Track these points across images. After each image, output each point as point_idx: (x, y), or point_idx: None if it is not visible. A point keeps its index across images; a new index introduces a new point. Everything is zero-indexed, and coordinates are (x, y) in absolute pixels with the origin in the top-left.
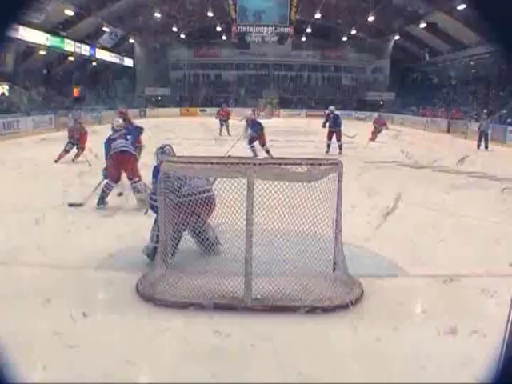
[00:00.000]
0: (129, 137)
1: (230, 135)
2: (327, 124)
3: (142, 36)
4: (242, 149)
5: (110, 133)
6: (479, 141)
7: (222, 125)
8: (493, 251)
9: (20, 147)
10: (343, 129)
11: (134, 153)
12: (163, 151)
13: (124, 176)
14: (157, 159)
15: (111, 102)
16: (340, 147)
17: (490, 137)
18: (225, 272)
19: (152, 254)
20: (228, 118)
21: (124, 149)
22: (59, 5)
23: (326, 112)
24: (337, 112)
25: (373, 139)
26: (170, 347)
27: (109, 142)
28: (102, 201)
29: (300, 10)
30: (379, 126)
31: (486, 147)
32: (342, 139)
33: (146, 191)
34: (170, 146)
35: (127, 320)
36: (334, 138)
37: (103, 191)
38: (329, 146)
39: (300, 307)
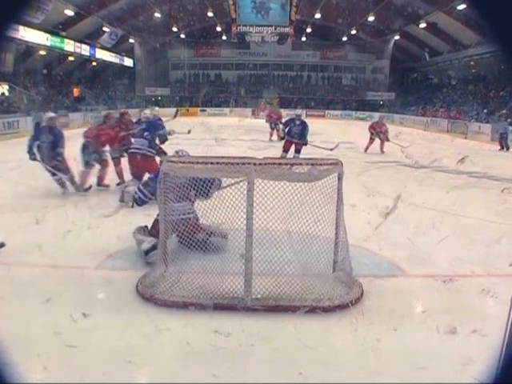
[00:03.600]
0: (146, 133)
1: (279, 140)
2: (287, 132)
3: (141, 36)
4: (242, 149)
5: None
6: (500, 142)
7: (272, 128)
8: (493, 251)
9: (20, 147)
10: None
11: (147, 153)
12: (179, 155)
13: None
14: None
15: (111, 102)
16: None
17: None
18: (225, 272)
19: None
20: (280, 122)
21: (135, 151)
22: (59, 5)
23: (290, 117)
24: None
25: (367, 147)
26: (170, 347)
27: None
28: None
29: (300, 10)
30: (376, 133)
31: (508, 148)
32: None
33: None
34: (184, 150)
35: (127, 320)
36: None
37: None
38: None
39: (300, 307)
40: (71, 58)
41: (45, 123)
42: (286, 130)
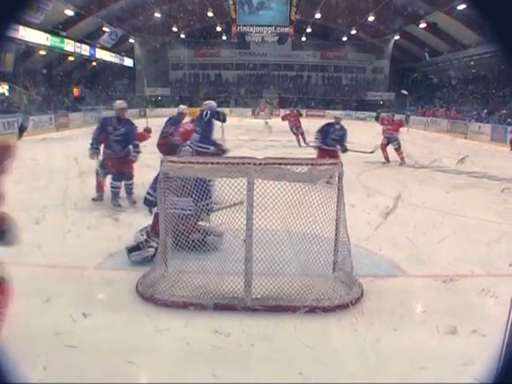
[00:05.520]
0: (198, 129)
1: (306, 144)
2: (322, 140)
3: (141, 36)
4: (242, 149)
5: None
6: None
7: (295, 133)
8: (493, 251)
9: (20, 147)
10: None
11: (197, 149)
12: (184, 149)
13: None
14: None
15: (111, 102)
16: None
17: None
18: (225, 272)
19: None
20: (299, 125)
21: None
22: (59, 5)
23: (330, 121)
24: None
25: (385, 154)
26: (170, 347)
27: None
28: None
29: (300, 10)
30: (390, 133)
31: None
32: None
33: None
34: (189, 145)
35: (127, 320)
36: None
37: None
38: None
39: (300, 307)
40: (71, 58)
41: (114, 113)
42: (321, 138)
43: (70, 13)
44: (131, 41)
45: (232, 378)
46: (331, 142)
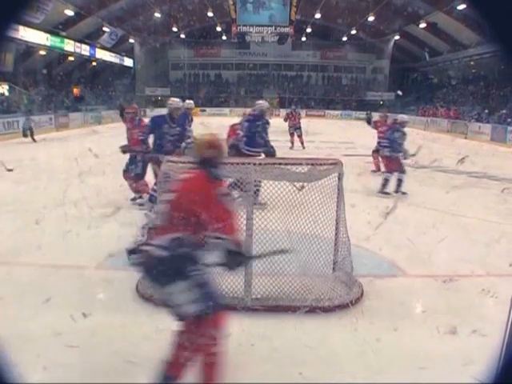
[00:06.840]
0: (244, 132)
1: (304, 148)
2: (382, 148)
3: (141, 36)
4: None
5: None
6: None
7: (292, 134)
8: (493, 251)
9: (20, 147)
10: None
11: (241, 151)
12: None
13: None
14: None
15: (111, 102)
16: (400, 183)
17: None
18: (225, 272)
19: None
20: (299, 126)
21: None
22: (59, 5)
23: (387, 123)
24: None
25: (376, 161)
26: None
27: None
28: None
29: (300, 10)
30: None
31: None
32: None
33: None
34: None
35: (127, 320)
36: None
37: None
38: (387, 182)
39: (300, 307)
40: (71, 58)
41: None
42: (390, 145)
43: (70, 13)
44: (131, 41)
45: (232, 378)
46: (398, 147)
